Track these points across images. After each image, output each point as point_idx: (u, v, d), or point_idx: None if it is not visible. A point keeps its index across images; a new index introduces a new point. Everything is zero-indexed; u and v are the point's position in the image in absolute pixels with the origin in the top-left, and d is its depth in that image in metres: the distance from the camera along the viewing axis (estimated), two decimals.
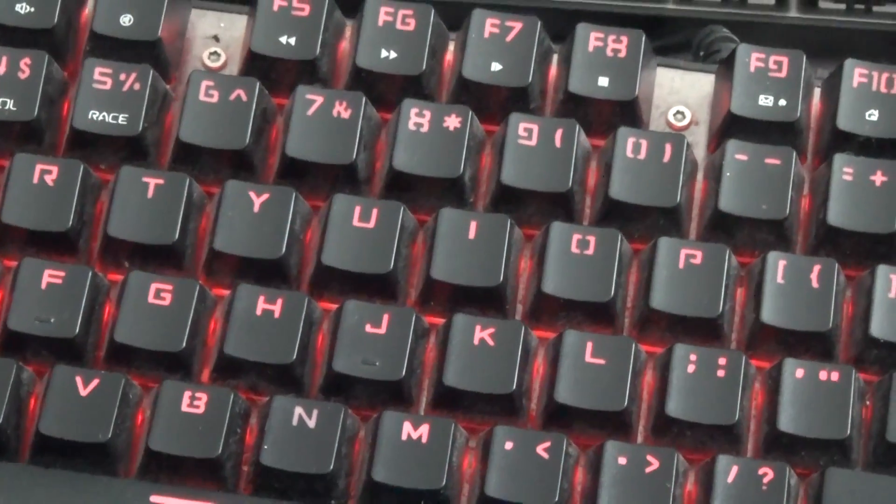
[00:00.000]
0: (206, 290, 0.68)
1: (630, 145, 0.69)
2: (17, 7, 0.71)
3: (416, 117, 0.69)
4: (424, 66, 0.70)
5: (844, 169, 0.68)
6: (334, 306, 0.68)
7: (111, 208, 0.68)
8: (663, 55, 0.73)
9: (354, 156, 0.69)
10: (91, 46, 0.71)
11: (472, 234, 0.67)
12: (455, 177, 0.69)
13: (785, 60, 0.70)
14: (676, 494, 0.64)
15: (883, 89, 0.69)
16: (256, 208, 0.68)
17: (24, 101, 0.69)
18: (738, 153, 0.69)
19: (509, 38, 0.70)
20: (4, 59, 0.70)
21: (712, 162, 0.70)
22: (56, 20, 0.71)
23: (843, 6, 0.75)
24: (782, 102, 0.69)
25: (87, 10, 0.72)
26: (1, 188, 0.70)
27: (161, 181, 0.68)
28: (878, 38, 0.76)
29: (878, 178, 0.68)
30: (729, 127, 0.70)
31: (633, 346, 0.66)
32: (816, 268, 0.67)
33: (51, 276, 0.67)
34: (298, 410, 0.65)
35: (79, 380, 0.66)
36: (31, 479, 0.65)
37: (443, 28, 0.72)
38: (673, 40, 0.76)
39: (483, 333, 0.66)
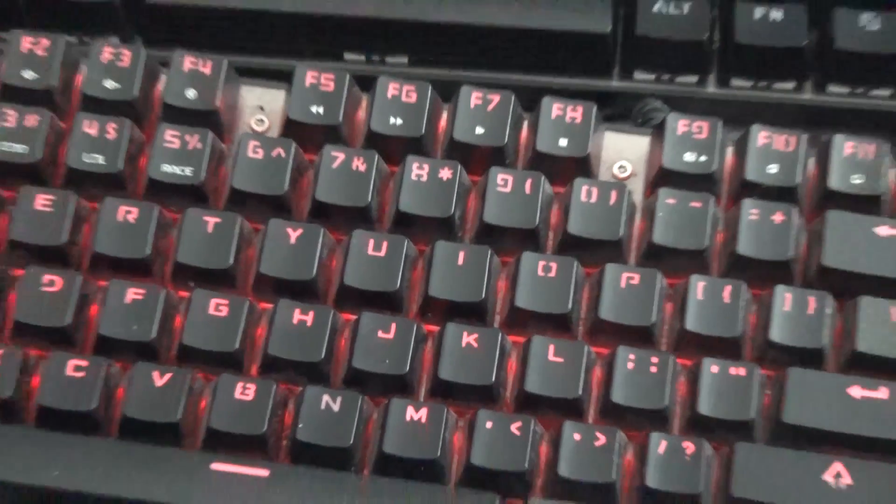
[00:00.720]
0: (254, 305, 0.73)
1: (584, 192, 0.74)
2: (105, 83, 0.75)
3: (417, 170, 0.74)
4: (423, 130, 0.75)
5: (751, 211, 0.73)
6: (353, 317, 0.72)
7: (179, 240, 0.73)
8: (610, 121, 0.77)
9: (369, 200, 0.74)
10: (163, 114, 0.76)
11: (460, 261, 0.73)
12: (447, 216, 0.74)
13: (705, 125, 0.75)
14: (618, 463, 0.70)
15: (781, 148, 0.74)
16: (293, 240, 0.73)
17: (111, 157, 0.74)
18: (668, 198, 0.74)
19: (490, 108, 0.75)
20: (95, 123, 0.74)
21: (648, 205, 0.74)
22: (136, 94, 0.75)
23: (749, 84, 0.80)
24: (703, 158, 0.74)
25: (160, 86, 0.76)
26: (94, 225, 0.73)
27: (218, 219, 0.73)
28: (776, 109, 0.80)
29: (777, 218, 0.73)
30: (661, 178, 0.75)
31: (586, 348, 0.72)
32: (728, 288, 0.72)
33: (133, 293, 0.72)
34: (325, 398, 0.70)
35: (155, 374, 0.71)
36: (118, 452, 0.70)
37: (438, 100, 0.76)
38: (617, 110, 0.80)
39: (469, 338, 0.71)
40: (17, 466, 0.70)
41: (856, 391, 0.71)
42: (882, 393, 0.71)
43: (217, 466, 0.70)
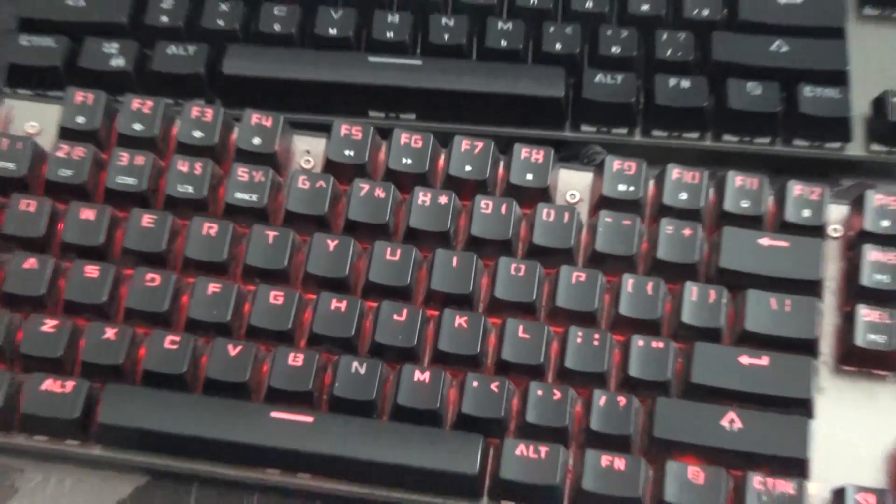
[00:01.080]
0: (302, 296, 0.71)
1: (545, 213, 0.72)
2: (194, 133, 0.74)
3: (423, 197, 0.73)
4: (427, 168, 0.74)
5: (667, 227, 0.72)
6: (375, 304, 0.71)
7: (248, 248, 0.72)
8: (563, 161, 0.76)
9: (387, 219, 0.72)
10: (236, 156, 0.75)
11: (454, 264, 0.71)
12: (445, 231, 0.72)
13: (633, 164, 0.73)
14: (570, 412, 0.68)
15: (688, 181, 0.73)
16: (331, 248, 0.72)
17: (198, 188, 0.73)
18: (606, 218, 0.72)
19: (475, 151, 0.74)
20: (187, 163, 0.73)
21: (592, 223, 0.73)
22: (216, 141, 0.74)
23: (665, 134, 0.79)
24: (631, 189, 0.73)
25: (234, 135, 0.75)
26: (185, 237, 0.72)
27: (276, 233, 0.72)
28: (685, 153, 0.79)
29: (686, 232, 0.72)
30: (601, 203, 0.73)
31: (546, 328, 0.70)
32: (650, 283, 0.71)
33: (213, 287, 0.71)
34: (355, 364, 0.69)
35: (230, 346, 0.70)
36: (202, 404, 0.69)
37: (437, 146, 0.75)
38: (569, 153, 0.79)
39: (460, 320, 0.70)
40: (128, 414, 0.69)
41: (744, 359, 0.70)
42: (764, 361, 0.70)
43: (275, 414, 0.69)
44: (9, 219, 0.73)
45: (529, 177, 0.74)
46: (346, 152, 0.75)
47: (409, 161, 0.75)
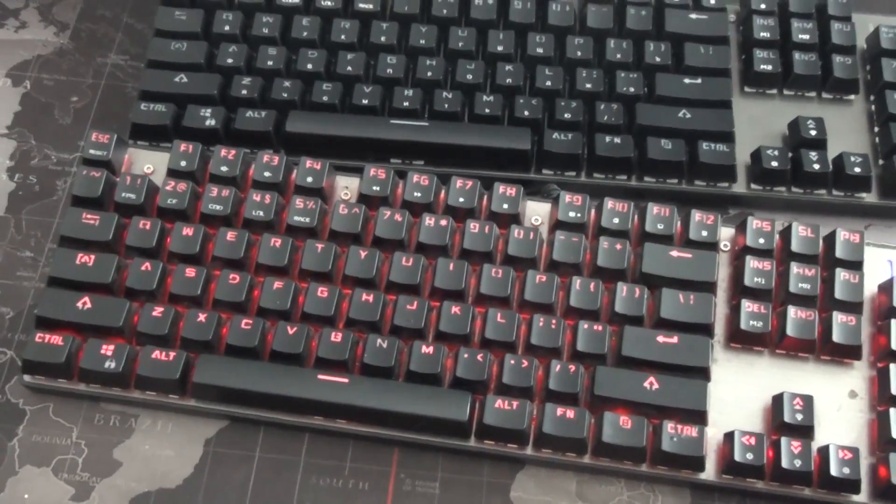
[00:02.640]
0: (342, 291, 0.69)
1: (516, 232, 0.70)
2: (265, 173, 0.72)
3: (428, 220, 0.71)
4: (431, 199, 0.72)
5: (604, 243, 0.70)
6: (394, 298, 0.69)
7: (303, 256, 0.70)
8: (530, 195, 0.74)
9: (403, 235, 0.70)
10: (294, 190, 0.73)
11: (451, 269, 0.70)
12: (444, 245, 0.70)
13: (580, 197, 0.72)
14: (534, 376, 0.66)
15: (620, 210, 0.71)
16: (362, 257, 0.69)
17: (267, 212, 0.71)
18: (560, 235, 0.70)
19: (467, 188, 0.72)
20: (259, 195, 0.71)
21: (550, 239, 0.71)
22: (280, 179, 0.72)
23: (603, 176, 0.77)
24: (579, 215, 0.71)
25: (293, 175, 0.73)
26: (258, 248, 0.70)
27: (323, 245, 0.70)
28: (618, 190, 0.77)
29: (618, 247, 0.70)
30: (556, 226, 0.72)
31: (517, 316, 0.68)
32: (592, 283, 0.69)
33: (276, 285, 0.69)
34: (379, 341, 0.67)
35: (287, 327, 0.68)
36: (269, 369, 0.67)
37: (440, 184, 0.73)
38: (533, 189, 0.76)
39: (455, 309, 0.68)
40: (214, 376, 0.68)
41: (660, 339, 0.68)
42: (674, 339, 0.68)
43: (321, 377, 0.67)
44: (131, 235, 0.71)
45: (505, 206, 0.72)
46: (374, 188, 0.73)
47: (419, 195, 0.73)
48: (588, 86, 0.79)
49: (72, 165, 0.80)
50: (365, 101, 0.79)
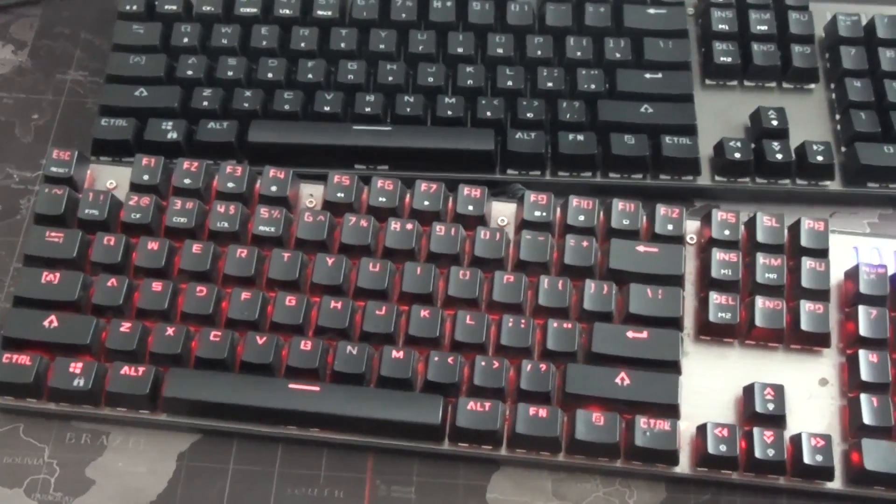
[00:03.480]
0: (310, 300, 0.69)
1: (482, 233, 0.70)
2: (229, 184, 0.71)
3: (395, 224, 0.71)
4: (397, 204, 0.72)
5: (571, 241, 0.70)
6: (363, 304, 0.69)
7: (270, 266, 0.69)
8: (495, 196, 0.74)
9: (369, 241, 0.70)
10: (259, 199, 0.72)
11: (419, 273, 0.69)
12: (411, 249, 0.70)
13: (545, 196, 0.71)
14: (505, 377, 0.66)
15: (585, 207, 0.71)
16: (330, 265, 0.69)
17: (232, 223, 0.70)
18: (527, 235, 0.70)
19: (432, 191, 0.72)
20: (224, 206, 0.71)
21: (517, 240, 0.71)
22: (244, 189, 0.72)
23: (568, 174, 0.77)
24: (544, 214, 0.71)
25: (258, 185, 0.72)
26: (225, 259, 0.70)
27: (290, 255, 0.69)
28: (582, 187, 0.77)
29: (585, 244, 0.70)
30: (523, 225, 0.71)
31: (486, 317, 0.68)
32: (560, 281, 0.69)
33: (244, 295, 0.69)
34: (349, 347, 0.67)
35: (257, 337, 0.67)
36: (238, 380, 0.67)
37: (404, 188, 0.73)
38: (498, 190, 0.76)
39: (424, 313, 0.68)
40: (185, 389, 0.68)
41: (630, 334, 0.68)
42: (644, 334, 0.68)
43: (292, 386, 0.67)
44: (96, 251, 0.71)
45: (470, 208, 0.72)
46: (339, 195, 0.73)
47: (384, 200, 0.72)
48: (549, 84, 0.80)
49: (34, 184, 0.79)
50: (327, 108, 0.78)
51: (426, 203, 0.72)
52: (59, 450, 0.69)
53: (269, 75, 0.80)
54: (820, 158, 0.77)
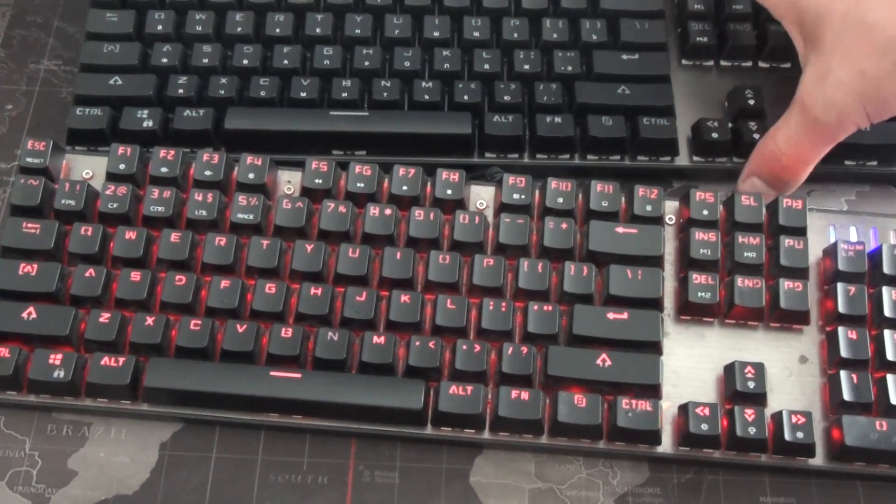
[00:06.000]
0: (290, 286, 0.69)
1: (461, 217, 0.70)
2: (206, 172, 0.71)
3: (373, 210, 0.71)
4: (375, 189, 0.72)
5: (550, 223, 0.70)
6: (343, 290, 0.69)
7: (249, 253, 0.69)
8: (473, 179, 0.74)
9: (348, 227, 0.70)
10: (237, 187, 0.72)
11: (398, 258, 0.69)
12: (390, 234, 0.70)
13: (523, 179, 0.71)
14: (486, 360, 0.66)
15: (563, 189, 0.71)
16: (309, 251, 0.69)
17: (210, 211, 0.70)
18: (506, 218, 0.70)
19: (409, 176, 0.71)
20: (202, 194, 0.71)
21: (496, 223, 0.71)
22: (222, 177, 0.71)
23: (546, 156, 0.77)
24: (522, 196, 0.71)
25: (235, 173, 0.72)
26: (203, 248, 0.70)
27: (269, 241, 0.69)
28: (561, 169, 0.77)
29: (563, 226, 0.70)
30: (501, 208, 0.71)
31: (467, 300, 0.68)
32: (540, 264, 0.69)
33: (224, 283, 0.68)
34: (330, 333, 0.67)
35: (238, 325, 0.67)
36: (219, 369, 0.66)
37: (382, 173, 0.72)
38: (477, 173, 0.76)
39: (405, 298, 0.68)
40: (166, 378, 0.67)
41: (611, 315, 0.68)
42: (624, 315, 0.68)
43: (273, 373, 0.67)
44: (73, 241, 0.70)
45: (449, 192, 0.72)
46: (317, 181, 0.72)
47: (362, 185, 0.72)
48: (526, 67, 0.79)
49: (10, 175, 0.79)
50: (303, 94, 0.78)
51: (404, 188, 0.72)
52: (40, 442, 0.69)
53: (245, 62, 0.80)
54: None
